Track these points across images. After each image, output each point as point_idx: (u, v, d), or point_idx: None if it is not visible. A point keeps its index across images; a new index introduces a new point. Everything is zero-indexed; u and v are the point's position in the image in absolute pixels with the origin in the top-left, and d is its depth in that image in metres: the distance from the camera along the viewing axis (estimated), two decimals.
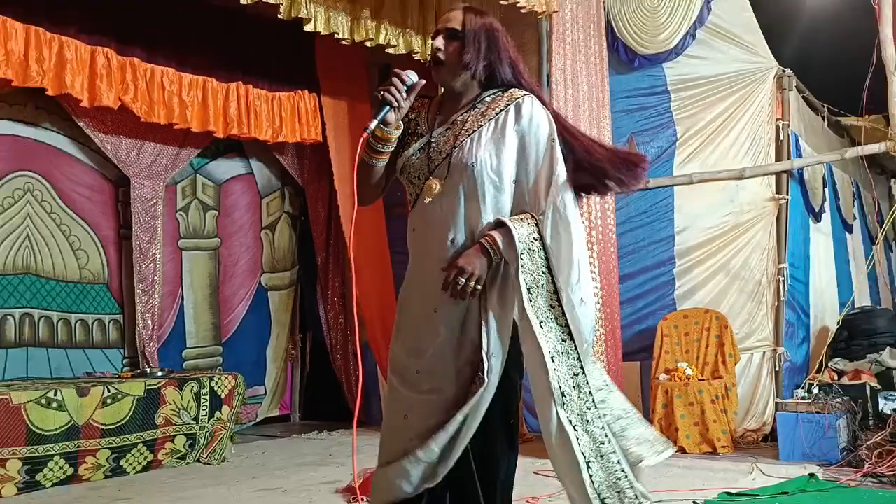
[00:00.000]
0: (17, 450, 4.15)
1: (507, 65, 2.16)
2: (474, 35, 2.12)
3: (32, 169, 5.47)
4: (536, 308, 2.01)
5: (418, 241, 2.17)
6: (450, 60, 2.12)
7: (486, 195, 2.06)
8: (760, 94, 5.55)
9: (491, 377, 2.01)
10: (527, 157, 2.08)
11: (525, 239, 2.01)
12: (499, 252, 2.02)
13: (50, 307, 5.51)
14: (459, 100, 2.19)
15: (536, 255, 2.02)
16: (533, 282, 2.02)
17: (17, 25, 4.69)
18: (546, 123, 2.10)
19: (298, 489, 4.13)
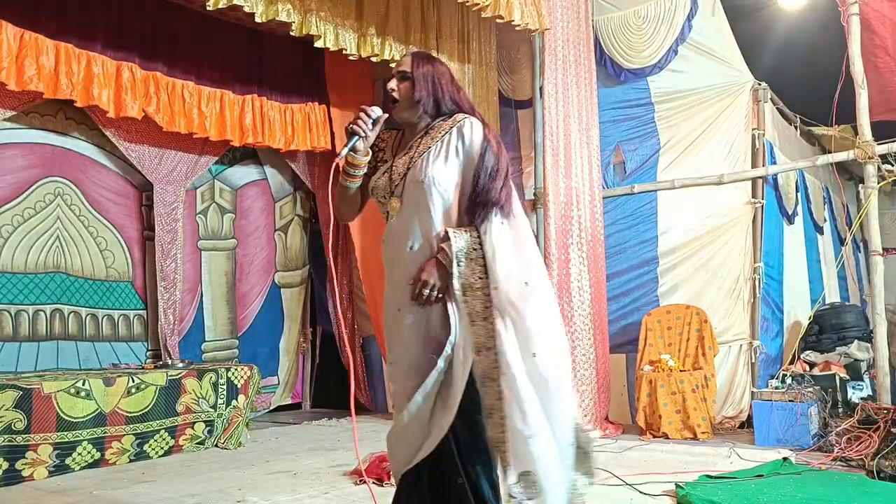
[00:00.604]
0: (49, 436, 4.15)
1: (448, 97, 2.32)
2: (422, 76, 2.29)
3: (62, 175, 5.47)
4: (471, 308, 2.12)
5: (387, 251, 2.33)
6: (403, 97, 2.30)
7: (435, 206, 2.20)
8: (738, 106, 5.54)
9: (444, 363, 2.13)
10: (468, 170, 2.21)
11: (464, 247, 2.14)
12: (450, 261, 2.14)
13: (79, 303, 5.51)
14: (415, 130, 2.35)
15: (474, 263, 2.13)
16: (469, 285, 2.13)
17: (48, 42, 4.70)
18: (482, 139, 2.23)
19: (309, 472, 4.13)
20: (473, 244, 2.15)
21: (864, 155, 4.90)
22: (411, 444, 2.18)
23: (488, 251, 2.13)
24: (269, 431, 5.75)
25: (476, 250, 2.14)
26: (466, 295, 2.12)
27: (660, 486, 3.51)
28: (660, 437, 4.90)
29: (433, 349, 2.16)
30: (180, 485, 3.90)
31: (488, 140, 2.23)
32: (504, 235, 2.16)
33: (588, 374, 5.11)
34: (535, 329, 2.09)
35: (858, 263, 7.59)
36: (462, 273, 2.13)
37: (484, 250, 2.13)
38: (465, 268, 2.13)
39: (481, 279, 2.13)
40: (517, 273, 2.12)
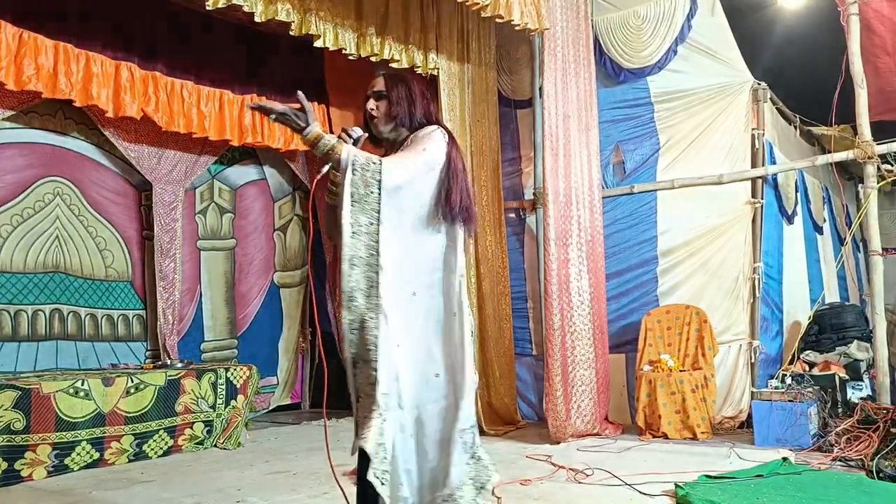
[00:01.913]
0: (47, 436, 4.14)
1: (420, 110, 2.45)
2: (396, 93, 2.43)
3: (61, 174, 5.47)
4: (354, 219, 2.15)
5: None
6: (380, 114, 2.44)
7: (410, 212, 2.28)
8: (737, 106, 5.54)
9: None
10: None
11: (362, 159, 2.19)
12: (324, 141, 2.22)
13: (78, 303, 5.50)
14: (394, 144, 2.48)
15: (370, 175, 2.18)
16: (358, 195, 2.16)
17: (47, 42, 4.69)
18: (429, 135, 2.35)
19: (308, 472, 4.13)
20: (376, 164, 2.19)
21: (863, 155, 4.90)
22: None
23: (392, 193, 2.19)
24: (269, 431, 5.75)
25: (376, 164, 2.19)
26: (354, 205, 2.14)
27: (659, 486, 3.51)
28: (659, 437, 4.90)
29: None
30: (179, 485, 3.90)
31: (436, 141, 2.33)
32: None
33: (587, 374, 5.11)
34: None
35: (858, 263, 7.60)
36: (357, 182, 2.16)
37: (383, 181, 2.17)
38: (360, 179, 2.16)
39: (371, 194, 2.16)
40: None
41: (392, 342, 2.14)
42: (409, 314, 2.22)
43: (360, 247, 2.13)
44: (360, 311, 2.12)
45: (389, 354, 2.13)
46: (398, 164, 2.23)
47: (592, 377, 5.13)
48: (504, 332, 5.70)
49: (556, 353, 4.97)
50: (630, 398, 5.52)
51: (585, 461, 4.13)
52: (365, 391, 2.12)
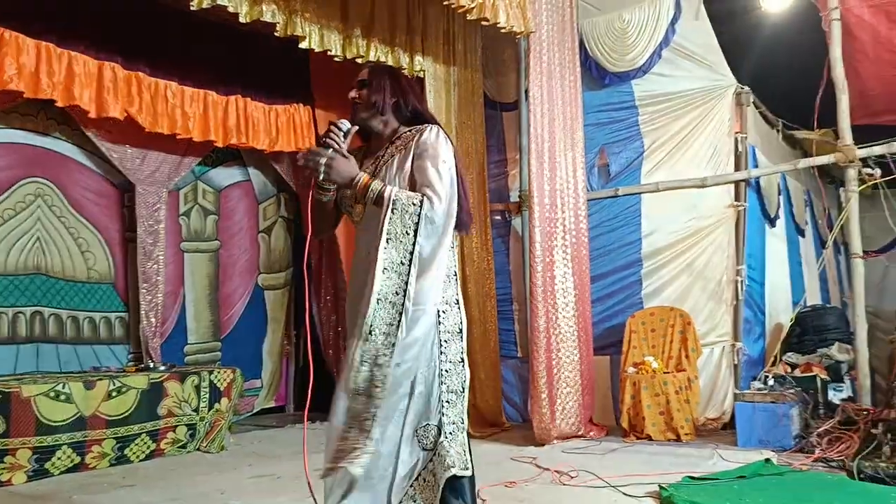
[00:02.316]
0: (27, 440, 4.10)
1: (411, 103, 2.43)
2: (378, 81, 2.42)
3: (43, 175, 5.41)
4: (387, 255, 2.14)
5: (355, 255, 2.39)
6: (362, 101, 2.41)
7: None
8: (721, 109, 5.59)
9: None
10: (417, 166, 2.28)
11: (403, 200, 2.18)
12: (372, 188, 2.20)
13: (59, 305, 5.44)
14: (381, 138, 2.44)
15: (408, 217, 2.16)
16: (395, 235, 2.15)
17: (28, 41, 4.64)
18: (437, 141, 2.30)
19: (291, 476, 4.10)
20: (415, 200, 2.17)
21: (844, 159, 4.95)
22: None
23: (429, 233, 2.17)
24: (252, 435, 5.72)
25: (415, 205, 2.17)
26: (389, 243, 2.14)
27: (643, 488, 3.53)
28: (643, 439, 4.92)
29: None
30: (162, 489, 3.87)
31: (441, 144, 2.30)
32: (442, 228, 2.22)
33: (572, 376, 5.12)
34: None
35: (839, 266, 7.67)
36: (395, 221, 2.15)
37: (421, 216, 2.16)
38: (398, 217, 2.15)
39: (408, 235, 2.15)
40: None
41: (398, 386, 2.17)
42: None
43: (389, 285, 2.13)
44: (377, 346, 2.11)
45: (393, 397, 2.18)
46: (437, 196, 2.19)
47: (577, 379, 5.15)
48: (489, 334, 5.71)
49: (541, 355, 4.98)
50: (614, 400, 5.54)
51: (570, 463, 4.14)
52: (359, 424, 2.13)
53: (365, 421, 2.12)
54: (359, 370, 2.11)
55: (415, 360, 2.18)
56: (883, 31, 5.41)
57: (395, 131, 2.42)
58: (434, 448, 2.24)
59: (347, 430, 2.14)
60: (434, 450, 2.24)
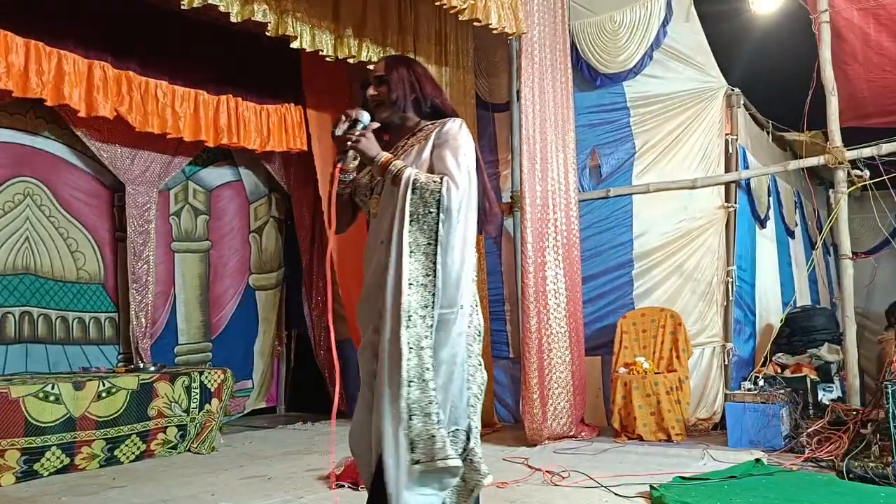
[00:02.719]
0: (16, 441, 4.07)
1: (430, 97, 2.36)
2: (397, 76, 2.33)
3: (32, 175, 5.38)
4: (412, 238, 2.09)
5: (367, 249, 2.33)
6: (382, 99, 2.33)
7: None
8: (711, 111, 5.61)
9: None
10: (435, 155, 2.21)
11: (422, 179, 2.11)
12: (393, 165, 2.14)
13: (48, 306, 5.41)
14: (400, 131, 2.37)
15: (428, 195, 2.10)
16: (417, 215, 2.10)
17: (17, 40, 4.61)
18: (459, 133, 2.23)
19: (283, 476, 4.09)
20: (435, 180, 2.12)
21: (834, 160, 4.98)
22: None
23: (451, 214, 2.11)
24: (243, 436, 5.70)
25: (436, 183, 2.11)
26: (412, 224, 2.08)
27: (634, 488, 3.54)
28: (634, 439, 4.93)
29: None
30: (152, 490, 3.85)
31: (462, 136, 2.23)
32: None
33: (563, 377, 5.13)
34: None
35: (829, 267, 7.72)
36: (415, 200, 2.09)
37: (442, 196, 2.10)
38: (418, 197, 2.10)
39: (431, 213, 2.09)
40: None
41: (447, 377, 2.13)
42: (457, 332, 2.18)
43: (417, 267, 2.08)
44: (418, 331, 2.06)
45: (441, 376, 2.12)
46: (454, 183, 2.13)
47: (569, 380, 5.16)
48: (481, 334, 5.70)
49: (533, 356, 4.98)
50: (606, 400, 5.55)
51: (562, 463, 4.14)
52: (422, 410, 2.04)
53: (429, 405, 2.04)
54: (408, 358, 2.04)
55: (451, 360, 2.13)
56: (872, 34, 5.44)
57: (416, 124, 2.35)
58: (464, 454, 2.17)
59: (409, 420, 2.03)
60: (464, 455, 2.17)
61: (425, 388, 2.05)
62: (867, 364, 6.28)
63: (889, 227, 7.00)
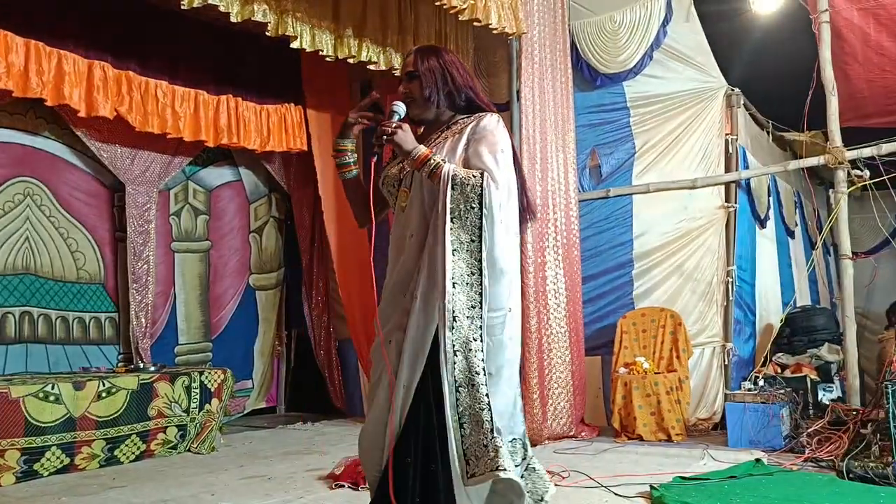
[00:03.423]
0: (16, 441, 4.06)
1: (464, 89, 2.28)
2: (428, 70, 2.24)
3: (32, 175, 5.38)
4: (455, 236, 2.04)
5: (393, 241, 2.25)
6: (415, 97, 2.25)
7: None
8: (711, 111, 5.61)
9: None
10: (472, 150, 2.15)
11: (462, 174, 2.06)
12: (430, 161, 2.08)
13: (48, 306, 5.41)
14: (434, 124, 2.32)
15: (469, 190, 2.04)
16: (459, 212, 2.04)
17: (17, 40, 4.61)
18: (497, 128, 2.18)
19: (283, 476, 4.09)
20: (476, 175, 2.07)
21: (834, 160, 4.98)
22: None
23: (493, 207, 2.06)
24: (243, 436, 5.70)
25: (476, 177, 2.06)
26: (454, 221, 2.03)
27: (634, 488, 3.54)
28: (634, 439, 4.93)
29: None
30: (152, 490, 3.85)
31: (500, 132, 2.19)
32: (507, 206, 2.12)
33: (564, 377, 5.13)
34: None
35: (829, 267, 7.72)
36: (456, 197, 2.03)
37: (484, 195, 2.04)
38: (460, 194, 2.04)
39: (473, 209, 2.04)
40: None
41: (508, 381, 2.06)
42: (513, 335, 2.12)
43: (461, 266, 2.01)
44: (464, 331, 1.99)
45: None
46: (493, 179, 2.06)
47: (569, 380, 5.16)
48: None
49: (533, 356, 4.98)
50: (606, 400, 5.55)
51: (562, 463, 4.14)
52: (473, 417, 1.96)
53: (481, 412, 1.95)
54: (454, 361, 1.97)
55: (512, 362, 2.07)
56: (871, 34, 5.44)
57: (451, 118, 2.29)
58: (523, 463, 2.11)
59: (460, 428, 1.95)
60: (524, 465, 2.11)
61: (476, 394, 1.97)
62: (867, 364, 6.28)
63: (889, 227, 7.00)
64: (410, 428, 2.03)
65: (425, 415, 2.03)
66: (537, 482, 2.17)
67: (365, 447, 2.21)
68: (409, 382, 2.04)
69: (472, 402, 1.97)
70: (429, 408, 2.03)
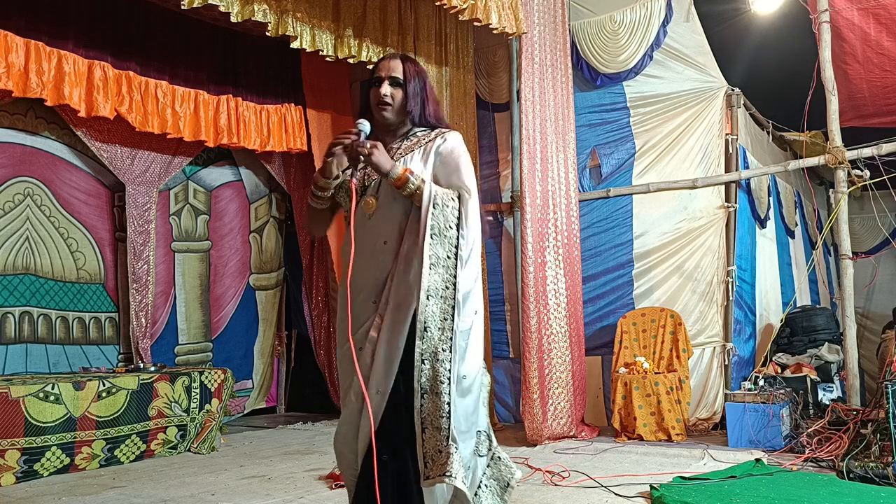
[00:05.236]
0: (16, 441, 4.07)
1: (431, 107, 2.37)
2: (413, 85, 2.32)
3: (32, 175, 5.38)
4: (433, 251, 2.15)
5: (359, 247, 2.27)
6: (395, 104, 2.30)
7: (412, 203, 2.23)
8: (711, 111, 5.61)
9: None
10: (445, 168, 2.27)
11: (441, 195, 2.18)
12: (411, 181, 2.16)
13: (48, 306, 5.41)
14: (394, 133, 2.37)
15: (449, 212, 2.18)
16: (438, 230, 2.16)
17: (17, 40, 4.61)
18: (463, 150, 2.33)
19: (283, 476, 4.09)
20: (454, 196, 2.21)
21: (834, 160, 4.98)
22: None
23: (469, 223, 2.20)
24: (243, 436, 5.70)
25: (454, 201, 2.19)
26: (433, 238, 2.14)
27: (634, 488, 3.54)
28: (634, 439, 4.93)
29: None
30: (152, 490, 3.85)
31: (465, 157, 2.32)
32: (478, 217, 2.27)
33: (564, 377, 5.13)
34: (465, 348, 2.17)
35: (829, 267, 7.72)
36: (437, 215, 2.15)
37: (462, 212, 2.18)
38: (440, 213, 2.16)
39: (451, 229, 2.16)
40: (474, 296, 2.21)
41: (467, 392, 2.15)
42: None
43: (436, 279, 2.13)
44: (434, 342, 2.11)
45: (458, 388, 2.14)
46: (472, 200, 2.22)
47: (569, 380, 5.16)
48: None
49: (533, 356, 4.98)
50: (606, 400, 5.55)
51: (562, 463, 4.14)
52: (433, 423, 2.07)
53: (440, 419, 2.07)
54: (421, 369, 2.09)
55: (477, 370, 2.18)
56: (872, 34, 5.44)
57: (408, 130, 2.36)
58: (489, 453, 2.23)
59: (422, 433, 2.08)
60: (490, 455, 2.23)
61: (438, 402, 2.07)
62: (867, 364, 6.28)
63: (889, 227, 7.00)
64: (384, 430, 2.12)
65: (396, 418, 2.13)
66: (503, 469, 2.26)
67: (339, 450, 2.28)
68: (384, 388, 2.14)
69: (433, 409, 2.08)
70: (399, 412, 2.13)
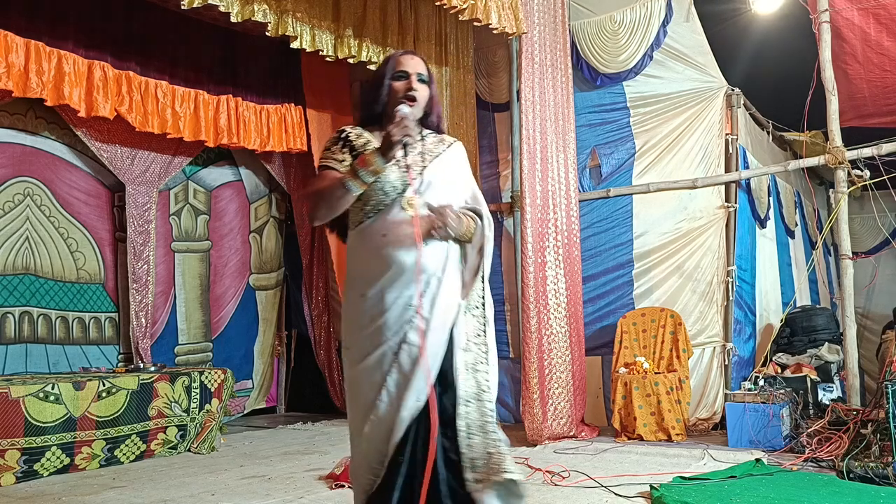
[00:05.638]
0: (16, 441, 4.07)
1: (438, 111, 2.45)
2: (434, 87, 2.43)
3: (32, 175, 5.38)
4: (461, 271, 2.30)
5: (395, 243, 2.17)
6: (420, 101, 2.33)
7: (455, 204, 2.29)
8: (711, 111, 5.61)
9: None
10: (469, 183, 2.44)
11: (487, 233, 2.34)
12: (470, 229, 2.28)
13: (48, 306, 5.41)
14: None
15: (476, 241, 2.33)
16: (464, 254, 2.32)
17: (17, 40, 4.61)
18: (468, 163, 2.50)
19: (283, 476, 4.09)
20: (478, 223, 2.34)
21: (834, 160, 4.98)
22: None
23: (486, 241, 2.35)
24: (243, 436, 5.70)
25: (477, 223, 2.32)
26: (462, 265, 2.29)
27: (634, 488, 3.54)
28: (635, 439, 4.93)
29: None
30: (152, 490, 3.85)
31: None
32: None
33: (564, 377, 5.13)
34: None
35: (829, 267, 7.72)
36: (474, 246, 2.31)
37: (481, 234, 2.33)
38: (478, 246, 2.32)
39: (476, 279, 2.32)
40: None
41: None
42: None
43: (471, 297, 2.31)
44: (475, 354, 2.24)
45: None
46: (488, 225, 2.34)
47: (569, 380, 5.16)
48: None
49: (533, 356, 4.98)
50: (606, 400, 5.55)
51: (562, 463, 4.14)
52: (482, 428, 2.18)
53: (488, 424, 2.18)
54: (465, 379, 2.19)
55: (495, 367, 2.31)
56: (872, 34, 5.44)
57: (420, 130, 2.31)
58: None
59: (468, 438, 2.15)
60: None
61: (483, 409, 2.19)
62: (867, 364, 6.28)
63: (889, 227, 7.00)
64: (417, 436, 2.14)
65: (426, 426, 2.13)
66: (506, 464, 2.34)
67: (357, 465, 2.22)
68: (422, 395, 2.13)
69: (478, 416, 2.18)
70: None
